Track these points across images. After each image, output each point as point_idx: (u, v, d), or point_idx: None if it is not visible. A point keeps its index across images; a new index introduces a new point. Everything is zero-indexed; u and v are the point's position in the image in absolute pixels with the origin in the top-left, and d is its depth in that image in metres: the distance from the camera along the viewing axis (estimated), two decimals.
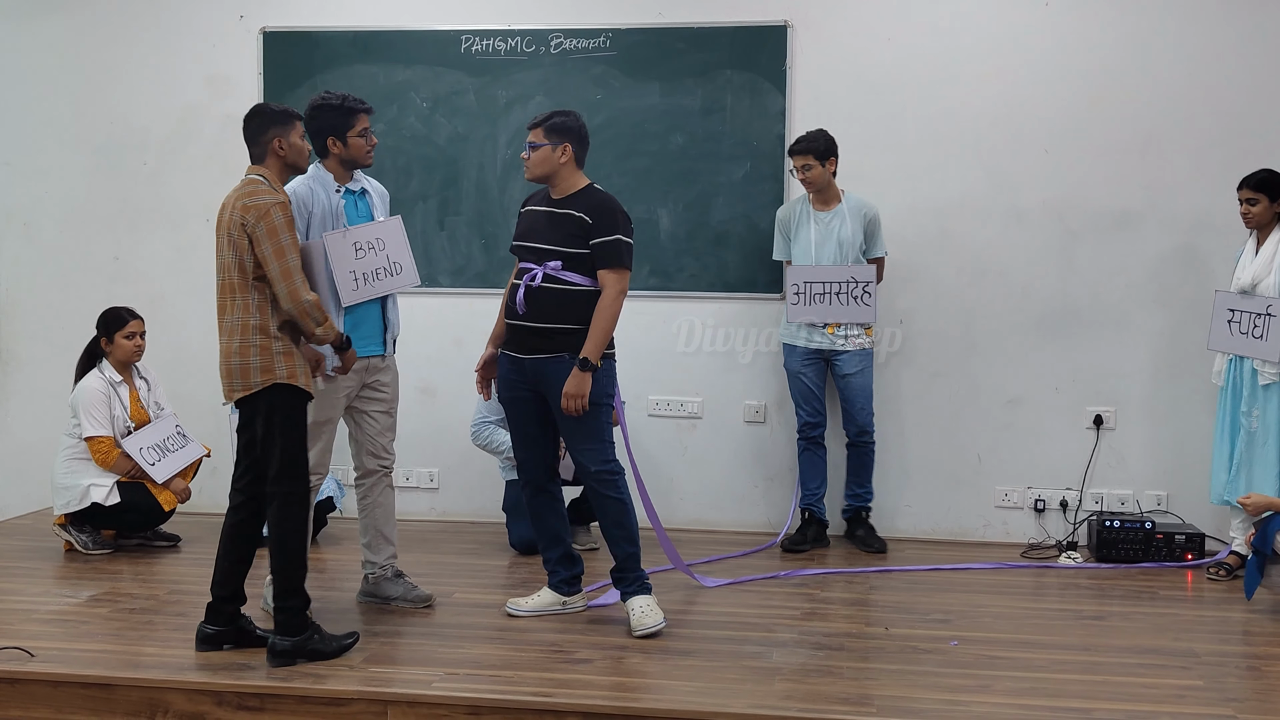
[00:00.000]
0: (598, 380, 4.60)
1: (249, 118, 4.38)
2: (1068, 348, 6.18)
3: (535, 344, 4.63)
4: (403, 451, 6.56)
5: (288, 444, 4.25)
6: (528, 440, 4.79)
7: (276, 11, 6.59)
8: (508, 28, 6.43)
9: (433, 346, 6.50)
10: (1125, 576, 5.60)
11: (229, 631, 4.36)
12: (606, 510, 4.70)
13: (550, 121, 4.65)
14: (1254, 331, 5.42)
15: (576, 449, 4.68)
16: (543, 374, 4.63)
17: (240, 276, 4.21)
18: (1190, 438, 6.04)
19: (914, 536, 6.27)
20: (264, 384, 4.22)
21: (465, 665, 4.23)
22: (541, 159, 4.65)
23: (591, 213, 4.59)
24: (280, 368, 4.23)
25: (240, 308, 4.22)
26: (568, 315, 4.58)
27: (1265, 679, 4.23)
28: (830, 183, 5.84)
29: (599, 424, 4.66)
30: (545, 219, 4.67)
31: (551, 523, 4.84)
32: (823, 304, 5.84)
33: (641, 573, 4.74)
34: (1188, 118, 6.03)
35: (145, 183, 6.73)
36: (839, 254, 5.84)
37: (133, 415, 5.86)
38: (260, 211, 4.16)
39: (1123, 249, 6.12)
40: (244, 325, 4.22)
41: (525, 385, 4.71)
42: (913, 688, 4.08)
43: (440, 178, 6.51)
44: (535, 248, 4.64)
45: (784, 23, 6.24)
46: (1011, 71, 6.14)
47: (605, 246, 4.58)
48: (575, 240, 4.58)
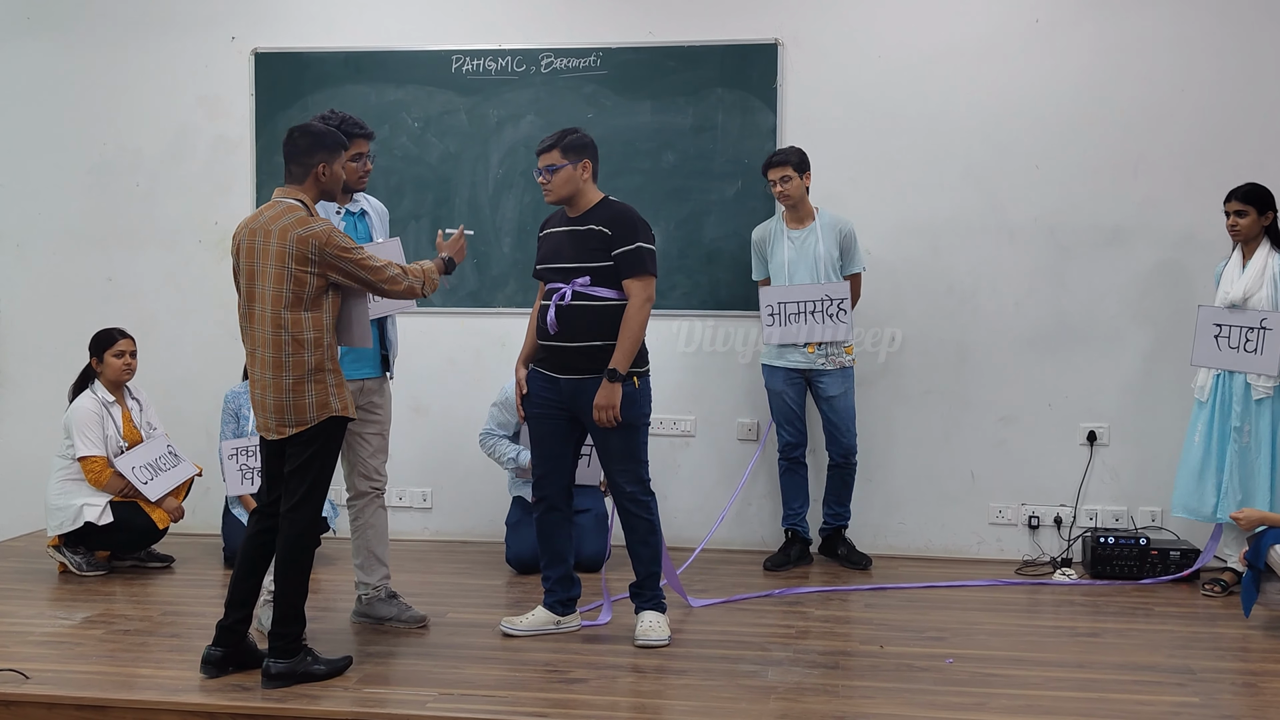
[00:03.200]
0: (636, 400, 4.65)
1: (297, 136, 4.28)
2: (1060, 364, 6.19)
3: (573, 363, 4.65)
4: (395, 471, 6.55)
5: (322, 472, 4.25)
6: (549, 458, 4.80)
7: (268, 33, 6.60)
8: (498, 48, 6.45)
9: (426, 366, 6.50)
10: (1120, 593, 5.60)
11: (236, 654, 4.32)
12: (636, 528, 4.74)
13: (566, 141, 4.65)
14: (1246, 346, 5.43)
15: (612, 468, 4.71)
16: (580, 394, 4.65)
17: (292, 308, 4.14)
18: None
19: (908, 554, 6.27)
20: (319, 419, 4.20)
21: (460, 685, 4.22)
22: (565, 179, 4.65)
23: (611, 224, 4.62)
24: (334, 401, 4.22)
25: (292, 343, 4.15)
26: (603, 331, 4.61)
27: (1261, 695, 4.23)
28: (805, 198, 5.84)
29: (636, 443, 4.71)
30: (567, 238, 4.69)
31: (558, 542, 4.85)
32: (798, 324, 5.83)
33: (659, 592, 4.81)
34: (1177, 135, 6.06)
35: (138, 203, 6.74)
36: (814, 271, 5.84)
37: (125, 435, 5.87)
38: (322, 238, 4.13)
39: (1114, 265, 6.14)
40: (297, 362, 4.15)
41: (557, 404, 4.72)
42: (908, 706, 4.08)
43: (432, 197, 6.52)
44: (561, 268, 4.66)
45: (774, 41, 6.27)
46: (1002, 89, 6.16)
47: (628, 255, 4.61)
48: (599, 254, 4.61)
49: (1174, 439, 5.93)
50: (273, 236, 4.15)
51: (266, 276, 4.16)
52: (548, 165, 4.65)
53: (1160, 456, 6.08)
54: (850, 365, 5.95)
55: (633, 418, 4.66)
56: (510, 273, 6.47)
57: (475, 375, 6.51)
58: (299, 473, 4.22)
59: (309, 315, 4.16)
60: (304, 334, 4.16)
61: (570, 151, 4.65)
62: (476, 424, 6.18)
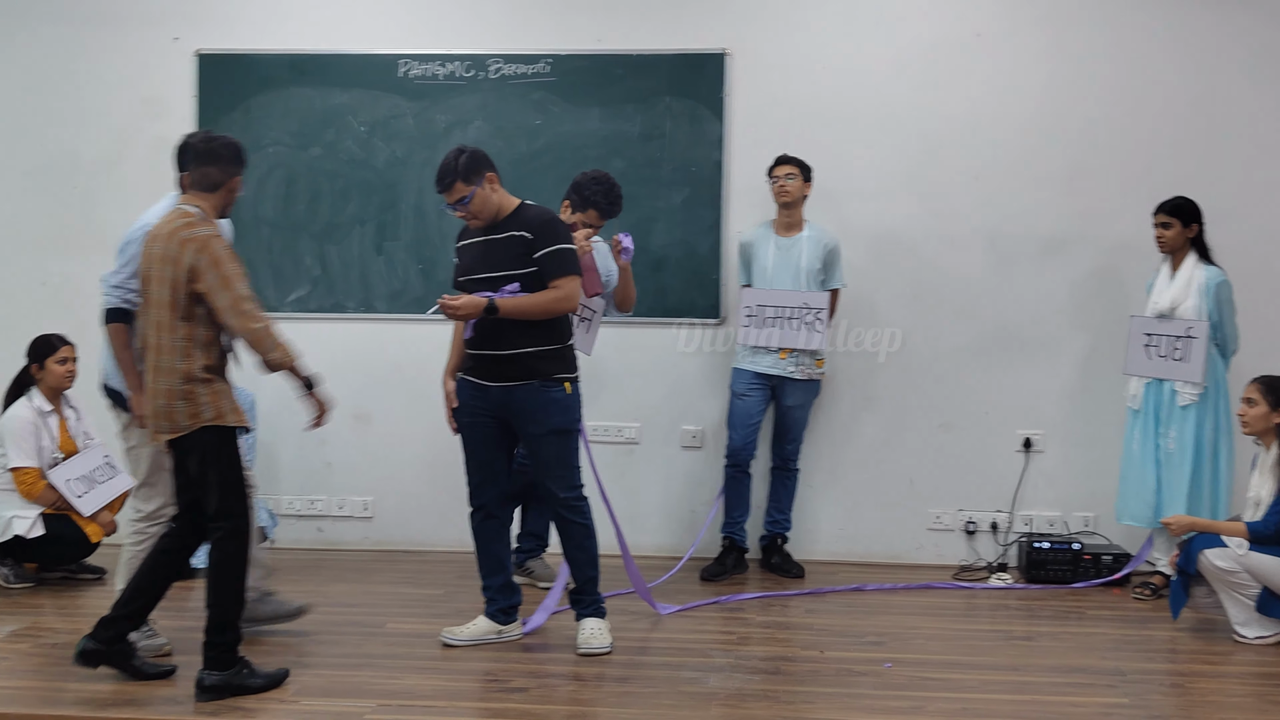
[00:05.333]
0: (567, 407, 4.68)
1: (218, 146, 4.27)
2: (998, 372, 6.28)
3: (503, 371, 4.64)
4: (336, 480, 6.56)
5: (224, 482, 4.21)
6: (483, 466, 4.80)
7: (212, 34, 6.54)
8: (446, 52, 6.44)
9: (369, 372, 6.47)
10: (1054, 597, 5.69)
11: (111, 653, 4.25)
12: (571, 534, 4.75)
13: (459, 167, 4.55)
14: (1174, 354, 5.56)
15: (545, 475, 4.71)
16: (510, 401, 4.65)
17: (171, 312, 4.15)
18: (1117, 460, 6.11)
19: (848, 560, 6.32)
20: (191, 427, 4.17)
21: (399, 696, 4.21)
22: (482, 201, 4.60)
23: (530, 228, 4.61)
24: (207, 409, 4.18)
25: (168, 349, 4.16)
26: (532, 338, 4.60)
27: (1189, 695, 4.33)
28: (801, 203, 5.89)
29: (569, 450, 4.72)
30: (485, 248, 4.66)
31: (497, 550, 4.86)
32: (774, 327, 5.86)
33: (599, 596, 4.81)
34: (1114, 146, 6.17)
35: (76, 206, 6.64)
36: (796, 281, 5.88)
37: (62, 445, 5.77)
38: (201, 244, 4.11)
39: (1052, 275, 6.23)
40: (170, 368, 4.15)
41: (487, 412, 4.71)
42: (848, 710, 4.12)
43: (378, 202, 6.50)
44: (485, 278, 4.62)
45: (722, 51, 6.31)
46: (944, 101, 6.25)
47: (551, 256, 4.60)
48: (522, 260, 4.59)
49: (1108, 446, 6.03)
50: (159, 241, 4.18)
51: (151, 278, 4.20)
52: (459, 199, 4.57)
53: (1094, 463, 6.18)
54: (819, 379, 6.00)
55: (565, 423, 4.68)
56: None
57: (419, 383, 6.45)
58: (199, 483, 4.22)
59: (183, 322, 4.16)
60: (176, 340, 4.16)
61: (470, 175, 4.55)
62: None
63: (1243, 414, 5.14)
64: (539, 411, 4.64)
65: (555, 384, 4.64)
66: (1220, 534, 4.98)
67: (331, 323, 6.50)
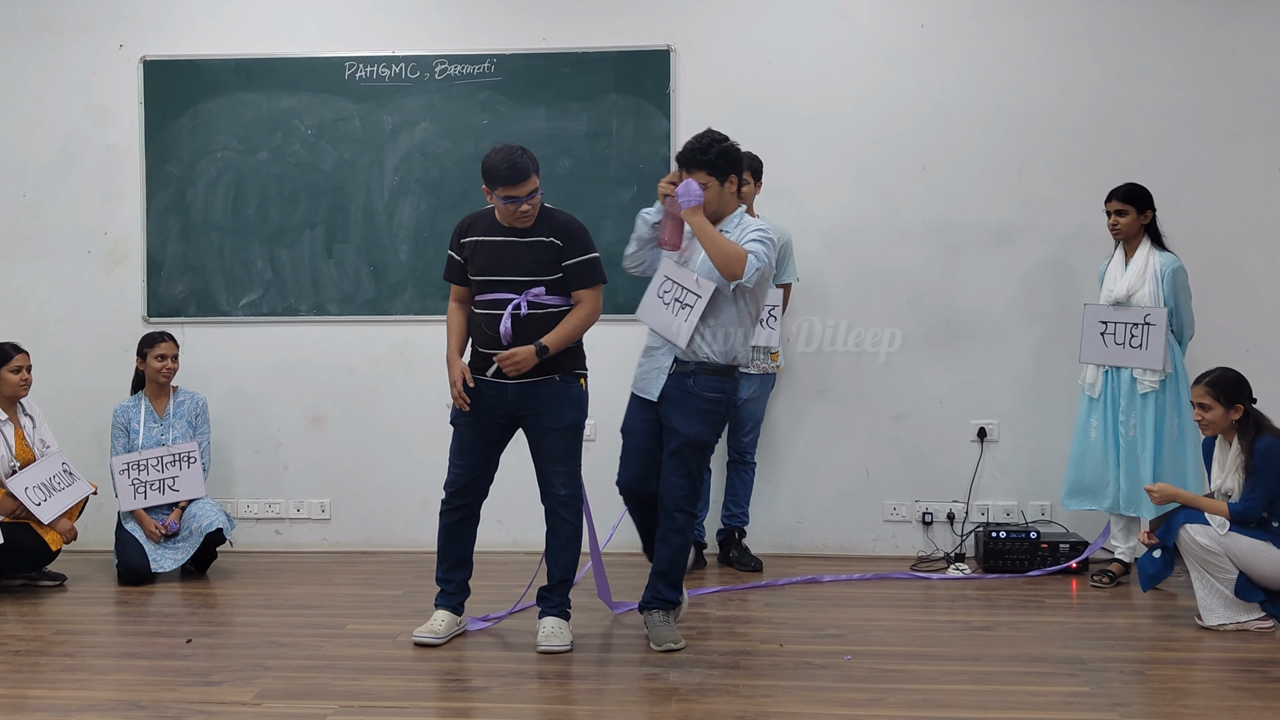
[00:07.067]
0: (581, 403, 4.74)
1: None
2: (951, 362, 6.32)
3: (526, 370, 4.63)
4: (293, 482, 6.53)
5: None
6: (475, 466, 4.79)
7: (157, 40, 6.49)
8: (392, 54, 6.41)
9: (323, 375, 6.45)
10: (1012, 586, 5.74)
11: None
12: (560, 532, 4.76)
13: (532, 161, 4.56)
14: (1131, 341, 5.60)
15: (551, 470, 4.72)
16: (530, 397, 4.66)
17: None
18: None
19: (805, 552, 6.36)
20: None
21: (360, 698, 4.19)
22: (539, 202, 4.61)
23: (561, 234, 4.64)
24: None
25: None
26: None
27: (1149, 683, 4.36)
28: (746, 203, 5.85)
29: (576, 446, 4.76)
30: (509, 249, 4.65)
31: (466, 546, 4.88)
32: None
33: (567, 600, 4.82)
34: (1061, 135, 6.23)
35: (24, 213, 6.58)
36: None
37: (18, 454, 5.71)
38: None
39: (1001, 264, 6.29)
40: None
41: (500, 410, 4.71)
42: (808, 703, 4.13)
43: (327, 205, 6.47)
44: (512, 280, 4.62)
45: (667, 47, 6.32)
46: (890, 93, 6.29)
47: (582, 266, 4.65)
48: (551, 266, 4.63)
49: (1062, 434, 6.08)
50: None
51: None
52: (532, 191, 4.55)
53: (1049, 451, 6.24)
54: (773, 372, 6.02)
55: (578, 419, 4.74)
56: (408, 280, 6.44)
57: (374, 383, 6.47)
58: None
59: None
60: None
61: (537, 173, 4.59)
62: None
63: (1200, 419, 5.05)
64: (557, 406, 4.68)
65: (574, 379, 4.70)
66: (1202, 509, 4.93)
67: (284, 326, 6.47)
